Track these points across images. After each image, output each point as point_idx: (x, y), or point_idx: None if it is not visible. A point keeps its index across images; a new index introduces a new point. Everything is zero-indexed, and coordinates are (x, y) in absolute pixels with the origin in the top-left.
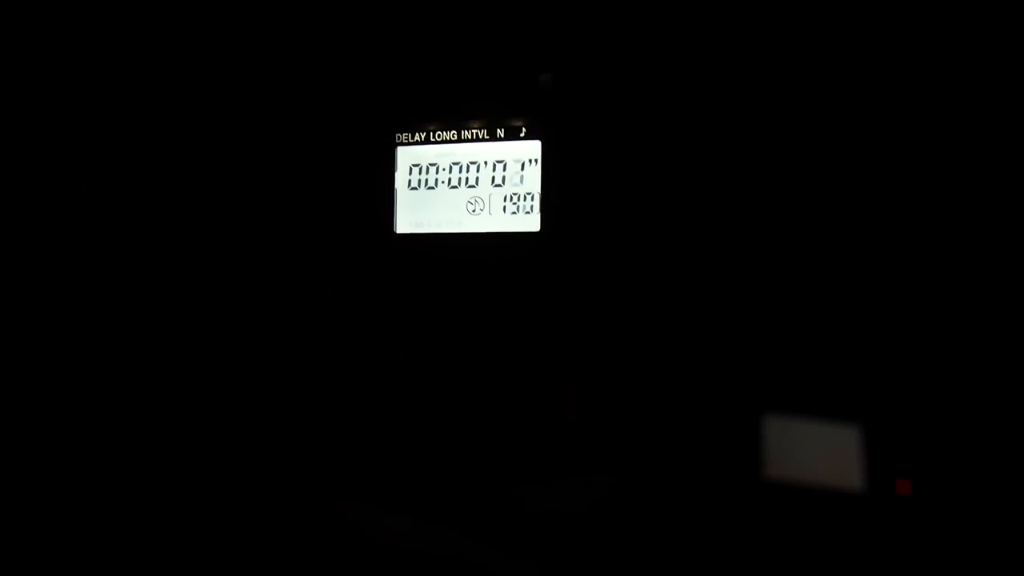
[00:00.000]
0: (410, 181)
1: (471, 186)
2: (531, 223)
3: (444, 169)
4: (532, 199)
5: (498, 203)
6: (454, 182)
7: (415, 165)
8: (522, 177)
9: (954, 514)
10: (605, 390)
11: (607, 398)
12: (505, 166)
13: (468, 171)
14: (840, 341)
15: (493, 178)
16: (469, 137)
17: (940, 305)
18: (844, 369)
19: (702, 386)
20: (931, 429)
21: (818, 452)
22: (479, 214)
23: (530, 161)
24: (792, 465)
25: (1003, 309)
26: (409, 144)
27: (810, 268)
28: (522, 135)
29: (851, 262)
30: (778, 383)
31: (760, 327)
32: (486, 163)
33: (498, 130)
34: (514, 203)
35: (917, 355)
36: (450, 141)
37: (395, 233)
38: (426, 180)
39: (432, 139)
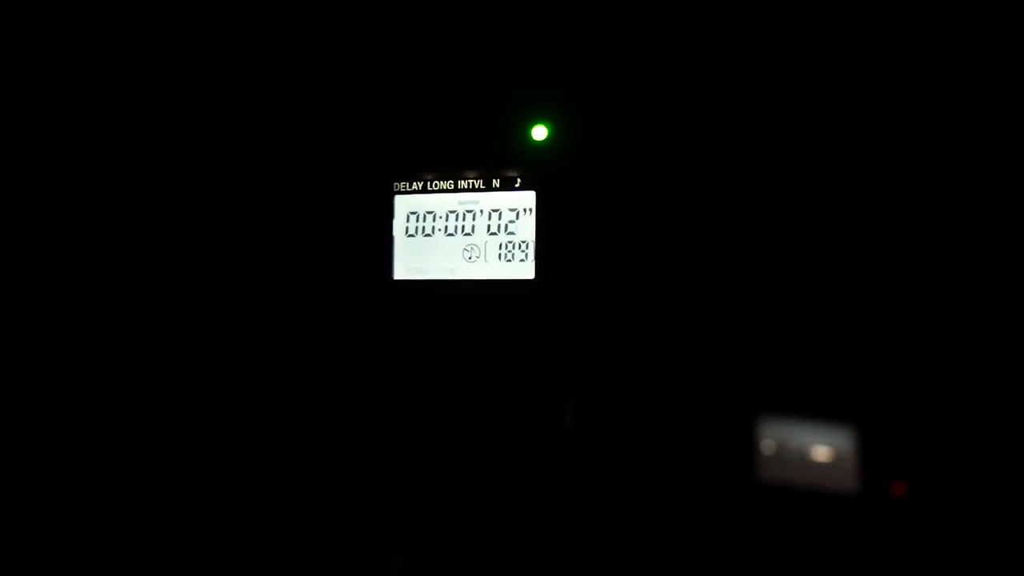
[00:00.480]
0: (407, 228)
1: (467, 234)
2: (526, 271)
3: (441, 217)
4: (526, 247)
5: (493, 251)
6: (451, 230)
7: (412, 213)
8: (517, 226)
9: (949, 516)
10: (600, 420)
11: (602, 427)
12: (500, 215)
13: (464, 219)
14: (834, 344)
15: (489, 226)
16: (465, 187)
17: (934, 306)
18: (838, 372)
19: (696, 388)
20: (926, 431)
21: (813, 454)
22: (475, 261)
23: (525, 210)
24: (786, 467)
25: (997, 310)
26: (407, 193)
27: (804, 271)
28: (517, 185)
29: (844, 265)
30: (772, 386)
31: (755, 331)
32: (482, 211)
33: (494, 180)
34: (509, 251)
35: (912, 357)
36: (447, 191)
37: (392, 279)
38: (423, 228)
39: (429, 188)
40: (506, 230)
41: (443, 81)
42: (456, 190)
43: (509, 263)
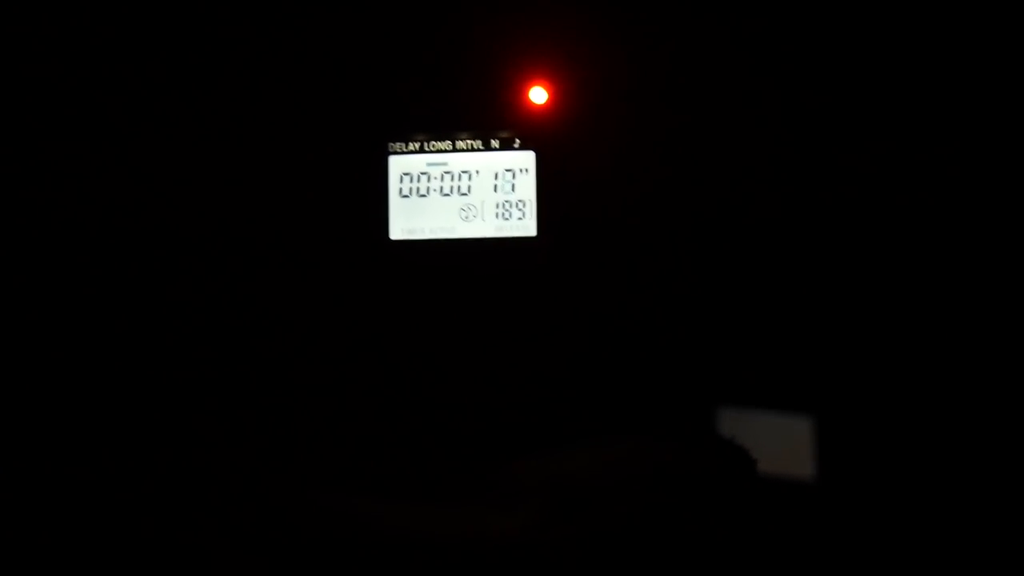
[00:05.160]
0: (401, 189)
1: (463, 194)
2: (527, 228)
3: (436, 178)
4: (524, 206)
5: (491, 210)
6: (446, 190)
7: (406, 174)
8: (514, 185)
9: (903, 503)
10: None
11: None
12: (496, 175)
13: (460, 180)
14: (792, 335)
15: (486, 186)
16: (462, 147)
17: (890, 296)
18: (796, 364)
19: (659, 380)
20: (880, 421)
21: (772, 443)
22: (472, 220)
23: (522, 171)
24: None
25: (954, 300)
26: (401, 153)
27: (759, 262)
28: (516, 146)
29: (797, 257)
30: (733, 378)
31: (715, 323)
32: (478, 172)
33: (492, 141)
34: (507, 210)
35: (868, 346)
36: (443, 151)
37: (389, 240)
38: (417, 188)
39: (425, 149)
40: (504, 190)
41: (441, 42)
42: (453, 150)
43: (507, 221)
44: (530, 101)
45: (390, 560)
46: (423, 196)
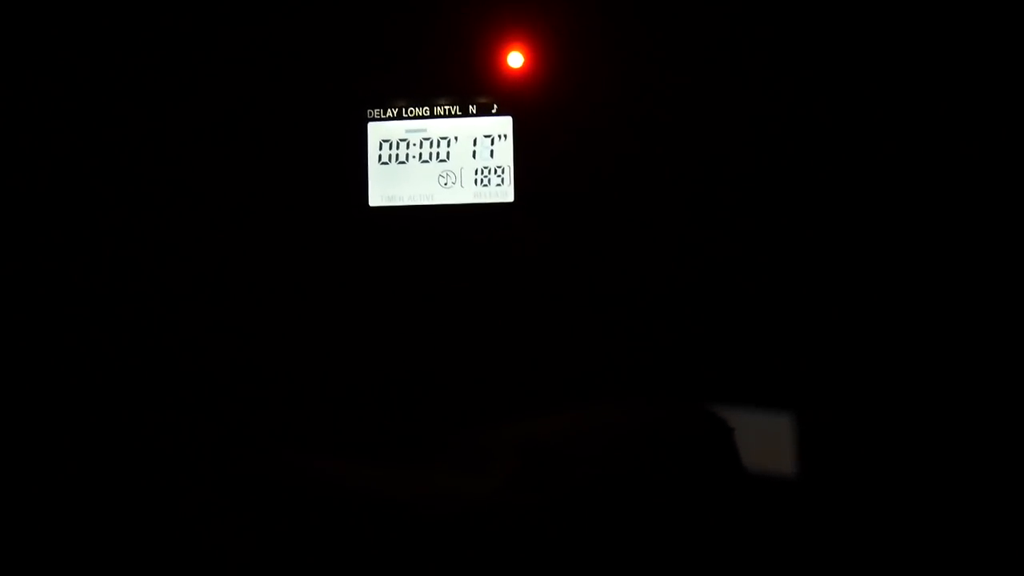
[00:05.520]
0: (380, 156)
1: (442, 160)
2: (504, 194)
3: (415, 144)
4: (503, 172)
5: (470, 176)
6: (425, 157)
7: (385, 140)
8: (492, 152)
9: (884, 499)
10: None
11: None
12: (475, 141)
13: (439, 146)
14: (774, 336)
15: (465, 152)
16: (441, 113)
17: (872, 294)
18: (778, 362)
19: (644, 378)
20: (863, 418)
21: (753, 439)
22: (451, 187)
23: (501, 136)
24: None
25: (936, 296)
26: (380, 120)
27: (741, 257)
28: (494, 111)
29: (779, 254)
30: (716, 376)
31: (703, 322)
32: (456, 139)
33: (470, 106)
34: (485, 176)
35: (847, 346)
36: (421, 117)
37: (368, 206)
38: (397, 155)
39: (404, 115)
40: (482, 156)
41: (418, 8)
42: (431, 116)
43: (486, 187)
44: (507, 66)
45: (361, 520)
46: (402, 163)
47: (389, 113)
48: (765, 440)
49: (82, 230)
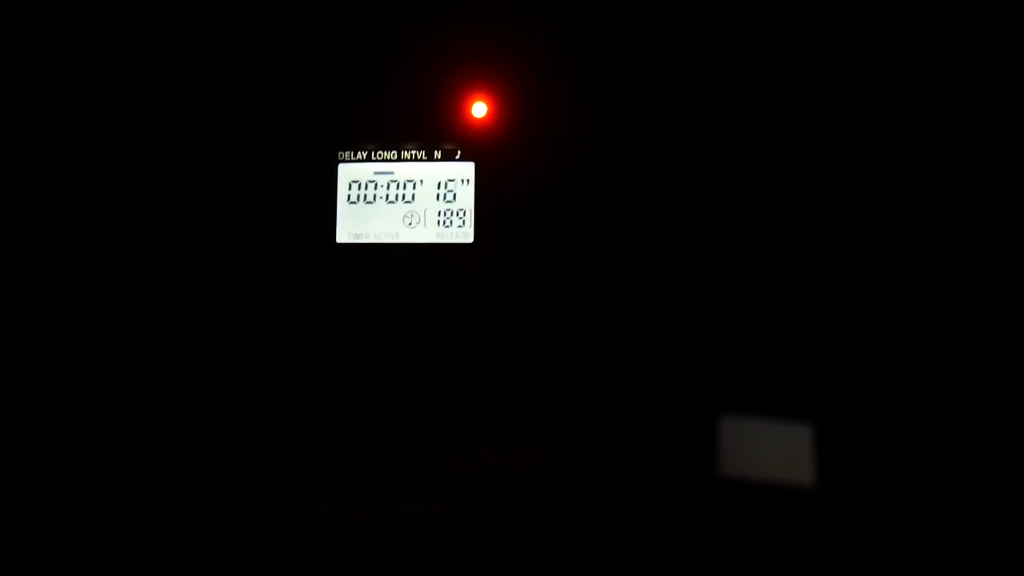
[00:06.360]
0: (349, 196)
1: (408, 202)
2: (465, 235)
3: (383, 186)
4: (465, 215)
5: (433, 218)
6: (391, 198)
7: (355, 181)
8: (455, 195)
9: (902, 510)
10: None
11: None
12: (439, 184)
13: (405, 188)
14: (792, 345)
15: (428, 195)
16: (407, 157)
17: (888, 304)
18: (796, 371)
19: (663, 387)
20: (880, 428)
21: (772, 450)
22: (415, 227)
23: (463, 181)
24: (747, 462)
25: (950, 307)
26: (350, 162)
27: (761, 268)
28: (457, 157)
29: (799, 263)
30: (733, 385)
31: (718, 332)
32: (422, 182)
33: (435, 152)
34: (447, 218)
35: (866, 354)
36: (389, 160)
37: (335, 243)
38: (365, 195)
39: (373, 158)
40: (445, 199)
41: (388, 58)
42: (399, 160)
43: (448, 228)
44: (472, 115)
45: (312, 543)
46: (370, 203)
47: (359, 155)
48: (783, 450)
49: (48, 264)
